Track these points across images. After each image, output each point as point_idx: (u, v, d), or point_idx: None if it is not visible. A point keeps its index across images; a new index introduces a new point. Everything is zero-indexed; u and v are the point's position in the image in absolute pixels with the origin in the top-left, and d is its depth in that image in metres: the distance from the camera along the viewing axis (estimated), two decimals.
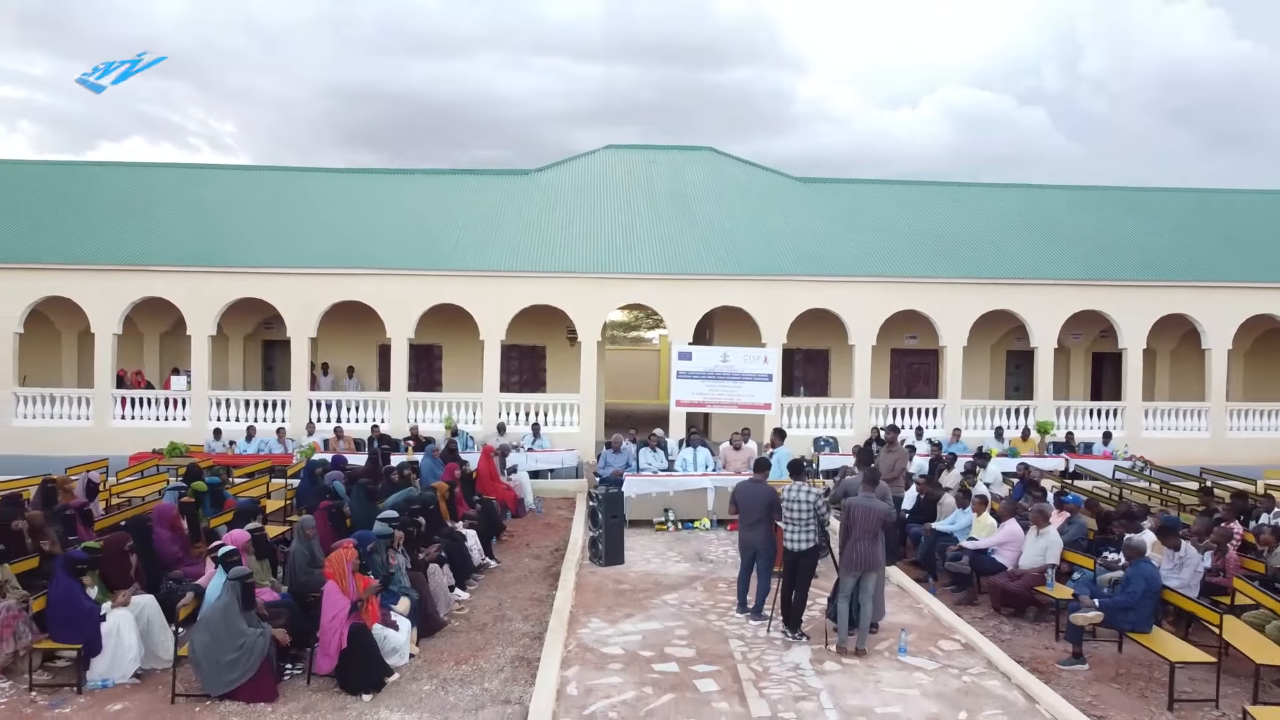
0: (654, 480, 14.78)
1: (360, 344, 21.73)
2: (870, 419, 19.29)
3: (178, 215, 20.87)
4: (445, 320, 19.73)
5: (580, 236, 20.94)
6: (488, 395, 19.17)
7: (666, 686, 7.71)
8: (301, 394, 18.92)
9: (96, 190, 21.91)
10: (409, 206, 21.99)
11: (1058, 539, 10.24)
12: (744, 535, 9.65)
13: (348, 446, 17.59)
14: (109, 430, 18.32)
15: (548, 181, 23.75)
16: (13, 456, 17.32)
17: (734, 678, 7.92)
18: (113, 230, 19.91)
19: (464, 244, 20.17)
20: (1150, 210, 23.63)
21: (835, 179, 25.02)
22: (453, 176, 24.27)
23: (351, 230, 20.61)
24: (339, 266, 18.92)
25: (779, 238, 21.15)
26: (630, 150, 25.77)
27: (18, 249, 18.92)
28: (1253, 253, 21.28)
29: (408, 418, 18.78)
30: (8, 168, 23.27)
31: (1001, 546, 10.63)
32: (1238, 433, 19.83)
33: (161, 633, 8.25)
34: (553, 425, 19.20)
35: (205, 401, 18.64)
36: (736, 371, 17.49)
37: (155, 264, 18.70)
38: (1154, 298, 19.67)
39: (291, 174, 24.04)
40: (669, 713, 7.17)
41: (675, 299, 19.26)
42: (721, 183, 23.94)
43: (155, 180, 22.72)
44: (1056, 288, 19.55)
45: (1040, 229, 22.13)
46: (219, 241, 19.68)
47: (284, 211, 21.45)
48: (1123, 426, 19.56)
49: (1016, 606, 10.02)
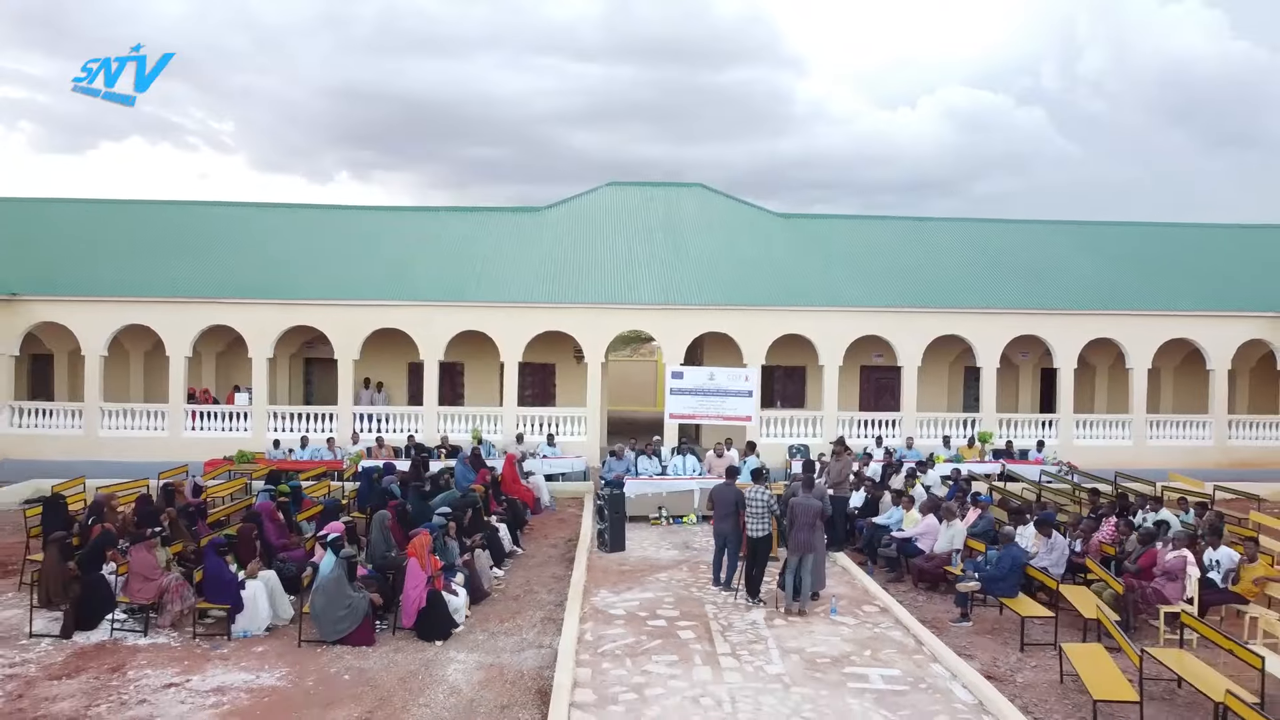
0: (650, 483, 17.50)
1: (391, 362, 24.38)
2: (838, 430, 21.98)
3: (237, 251, 23.58)
4: (467, 342, 22.42)
5: (586, 269, 23.67)
6: (507, 409, 21.89)
7: (657, 635, 10.43)
8: (347, 408, 21.63)
9: (165, 228, 24.62)
10: (437, 242, 24.69)
11: (963, 530, 12.96)
12: (717, 526, 12.40)
13: (388, 454, 20.28)
14: (182, 440, 21.02)
15: (556, 218, 26.49)
16: (101, 462, 20.01)
17: (706, 629, 10.64)
18: (183, 266, 22.62)
19: (486, 277, 22.87)
20: (1086, 243, 26.36)
21: (809, 214, 27.83)
22: (474, 214, 26.99)
23: (388, 265, 23.33)
24: (379, 299, 21.64)
25: (759, 270, 23.86)
26: (629, 187, 28.49)
27: (101, 284, 21.62)
28: (1174, 283, 24.01)
29: (438, 428, 21.50)
30: (86, 207, 25.93)
31: (921, 536, 13.34)
32: (1156, 440, 22.54)
33: (280, 598, 10.97)
34: (562, 435, 21.89)
35: (264, 415, 21.36)
36: (721, 389, 20.28)
37: (221, 297, 21.41)
38: (1083, 324, 22.39)
39: (334, 211, 26.73)
40: (659, 651, 9.89)
41: (669, 326, 21.97)
42: (710, 218, 26.67)
43: (215, 216, 25.48)
44: (998, 315, 22.27)
45: (986, 261, 24.84)
46: (274, 275, 22.40)
47: (329, 247, 24.15)
48: (1057, 436, 22.28)
49: (931, 582, 12.73)
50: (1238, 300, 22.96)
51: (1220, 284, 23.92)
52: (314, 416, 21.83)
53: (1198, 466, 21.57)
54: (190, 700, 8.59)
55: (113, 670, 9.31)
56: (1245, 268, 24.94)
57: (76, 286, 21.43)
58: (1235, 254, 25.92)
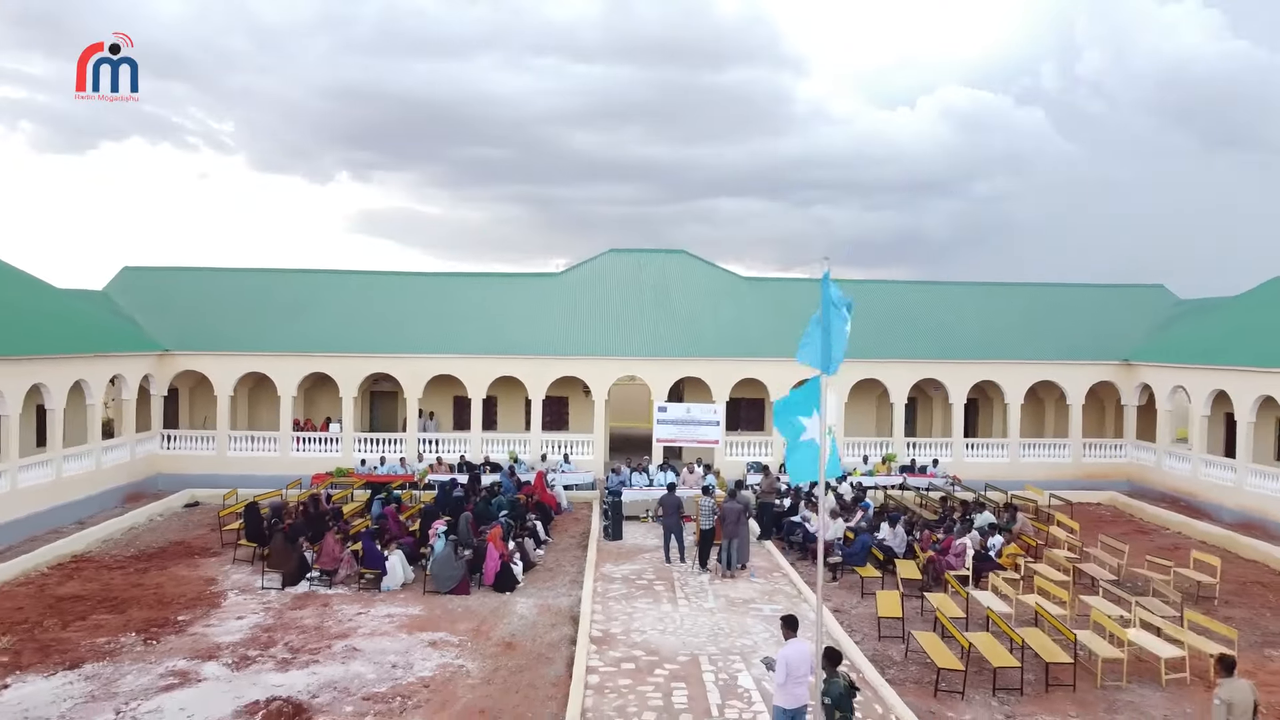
0: (640, 492, 23.63)
1: (440, 396, 30.44)
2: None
3: (326, 311, 29.69)
4: (500, 380, 28.50)
5: (591, 325, 29.83)
6: (533, 434, 28.05)
7: (641, 588, 16.62)
8: (412, 434, 27.79)
9: (272, 291, 30.69)
10: (480, 302, 30.70)
11: (843, 524, 19.14)
12: (664, 522, 18.63)
13: (445, 470, 26.41)
14: (290, 459, 27.15)
15: (569, 281, 32.69)
16: (230, 476, 26.09)
17: (671, 585, 16.84)
18: (288, 324, 28.75)
19: (516, 333, 28.98)
20: (976, 301, 32.46)
21: (769, 278, 34.12)
22: (507, 279, 33.13)
23: (441, 322, 29.48)
24: (437, 352, 27.75)
25: (727, 326, 30.01)
26: (626, 254, 34.65)
27: (228, 340, 27.76)
28: (1043, 336, 30.13)
29: (482, 450, 27.65)
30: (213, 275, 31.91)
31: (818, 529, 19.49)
32: (1028, 458, 28.68)
33: (406, 567, 17.12)
34: (574, 454, 28.02)
35: (351, 439, 27.52)
36: (696, 419, 26.59)
37: (318, 351, 27.56)
38: (972, 369, 28.55)
39: (397, 277, 32.75)
40: (642, 597, 16.07)
41: (656, 372, 28.11)
42: (690, 281, 32.84)
43: (308, 281, 31.62)
44: (905, 364, 28.44)
45: (900, 318, 30.87)
46: (356, 332, 28.51)
47: (394, 307, 30.21)
48: (950, 455, 28.44)
49: (828, 564, 18.86)
50: (1089, 351, 29.13)
51: (1078, 337, 30.03)
52: (386, 441, 27.97)
53: (1059, 478, 27.72)
54: (374, 619, 14.77)
55: (322, 605, 15.50)
56: (1097, 321, 30.96)
57: (210, 343, 27.56)
58: (1088, 310, 31.90)
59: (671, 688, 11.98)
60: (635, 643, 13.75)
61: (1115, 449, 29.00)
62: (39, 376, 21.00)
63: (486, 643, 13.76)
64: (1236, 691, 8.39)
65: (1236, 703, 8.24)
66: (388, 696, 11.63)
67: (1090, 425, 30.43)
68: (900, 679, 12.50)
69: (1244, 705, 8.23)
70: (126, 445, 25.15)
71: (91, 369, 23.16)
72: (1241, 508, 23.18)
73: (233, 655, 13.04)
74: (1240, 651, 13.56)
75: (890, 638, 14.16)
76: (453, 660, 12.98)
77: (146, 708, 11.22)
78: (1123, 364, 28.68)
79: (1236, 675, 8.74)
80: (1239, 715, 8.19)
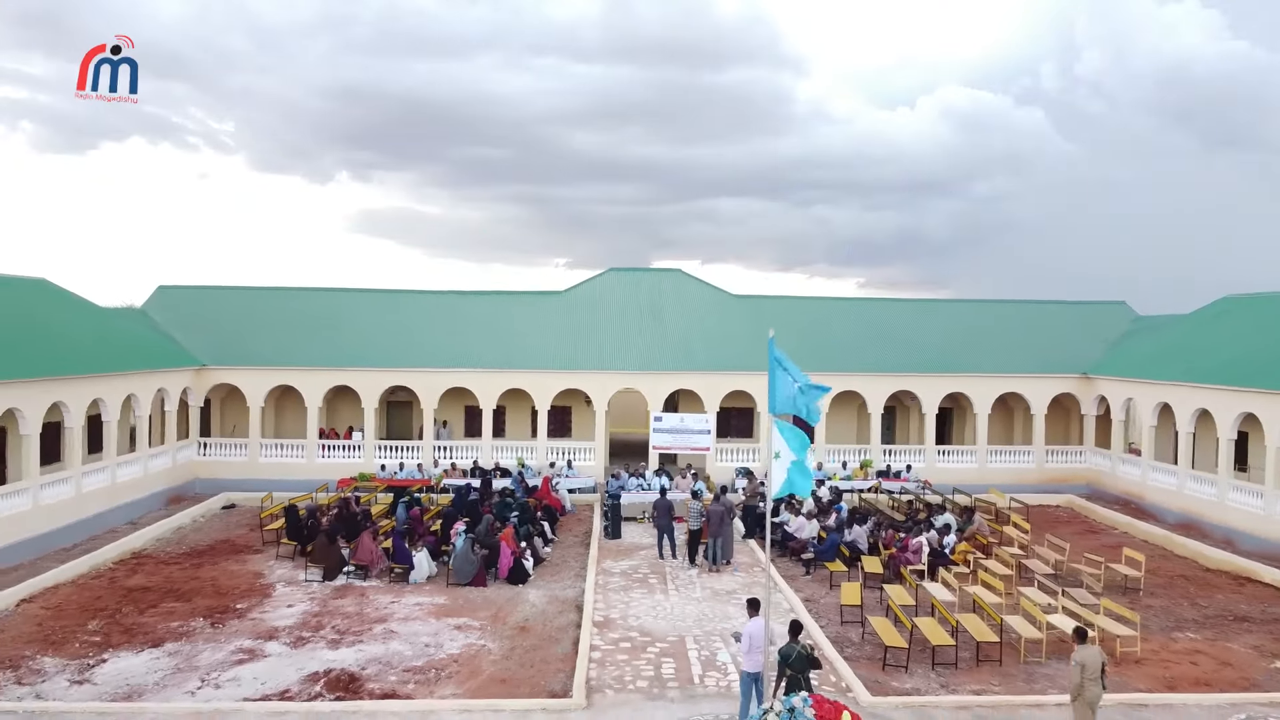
0: (637, 495, 25.80)
1: (453, 405, 32.57)
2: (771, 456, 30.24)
3: (348, 328, 31.87)
4: (508, 392, 30.65)
5: (592, 341, 32.00)
6: (539, 442, 30.22)
7: (636, 581, 18.80)
8: (429, 442, 29.96)
9: (301, 309, 32.90)
10: (490, 319, 32.93)
11: (816, 524, 21.32)
12: (658, 523, 20.83)
13: (459, 475, 28.56)
14: (316, 465, 29.31)
15: (572, 298, 34.88)
16: (260, 480, 28.22)
17: (662, 578, 19.03)
18: (314, 340, 30.93)
19: (524, 348, 31.15)
20: (946, 317, 34.69)
21: (759, 295, 36.31)
22: (515, 296, 35.34)
23: (453, 338, 31.63)
24: (451, 366, 29.92)
25: (718, 341, 32.18)
26: (625, 273, 36.84)
27: (260, 356, 29.94)
28: (1010, 350, 32.30)
29: (492, 456, 29.81)
30: (246, 293, 34.12)
31: (798, 530, 21.68)
32: (995, 464, 30.85)
33: (430, 562, 19.29)
34: (577, 460, 30.19)
35: (372, 447, 29.68)
36: (689, 428, 28.79)
37: (342, 365, 29.75)
38: (940, 382, 30.73)
39: (415, 295, 34.83)
40: (638, 589, 18.25)
41: (652, 384, 30.28)
42: (684, 299, 35.03)
43: (331, 299, 33.85)
44: (881, 377, 30.63)
45: (875, 334, 33.05)
46: (377, 348, 30.68)
47: (412, 324, 32.39)
48: (923, 461, 30.61)
49: (796, 554, 21.03)
50: (1052, 365, 31.32)
51: (1042, 351, 32.21)
52: (404, 448, 30.14)
53: (1023, 482, 29.94)
54: (406, 607, 16.94)
55: (360, 595, 17.68)
56: (1060, 337, 33.14)
57: (243, 358, 29.73)
58: (1053, 325, 34.10)
59: (661, 662, 14.16)
60: (631, 626, 15.93)
61: (1076, 455, 31.20)
62: (98, 392, 23.17)
63: (504, 626, 15.93)
64: (1088, 655, 10.65)
65: (1088, 664, 10.49)
66: (424, 669, 13.81)
67: (1057, 433, 32.63)
68: (855, 656, 14.68)
69: (1094, 666, 10.47)
70: (169, 452, 27.33)
71: (141, 384, 25.33)
72: (1183, 510, 25.37)
73: (290, 636, 15.22)
74: (1151, 634, 15.82)
75: (851, 622, 16.33)
76: (476, 640, 15.16)
77: (225, 677, 13.40)
78: (1082, 377, 30.88)
79: (1089, 643, 11.04)
80: (1090, 674, 10.42)
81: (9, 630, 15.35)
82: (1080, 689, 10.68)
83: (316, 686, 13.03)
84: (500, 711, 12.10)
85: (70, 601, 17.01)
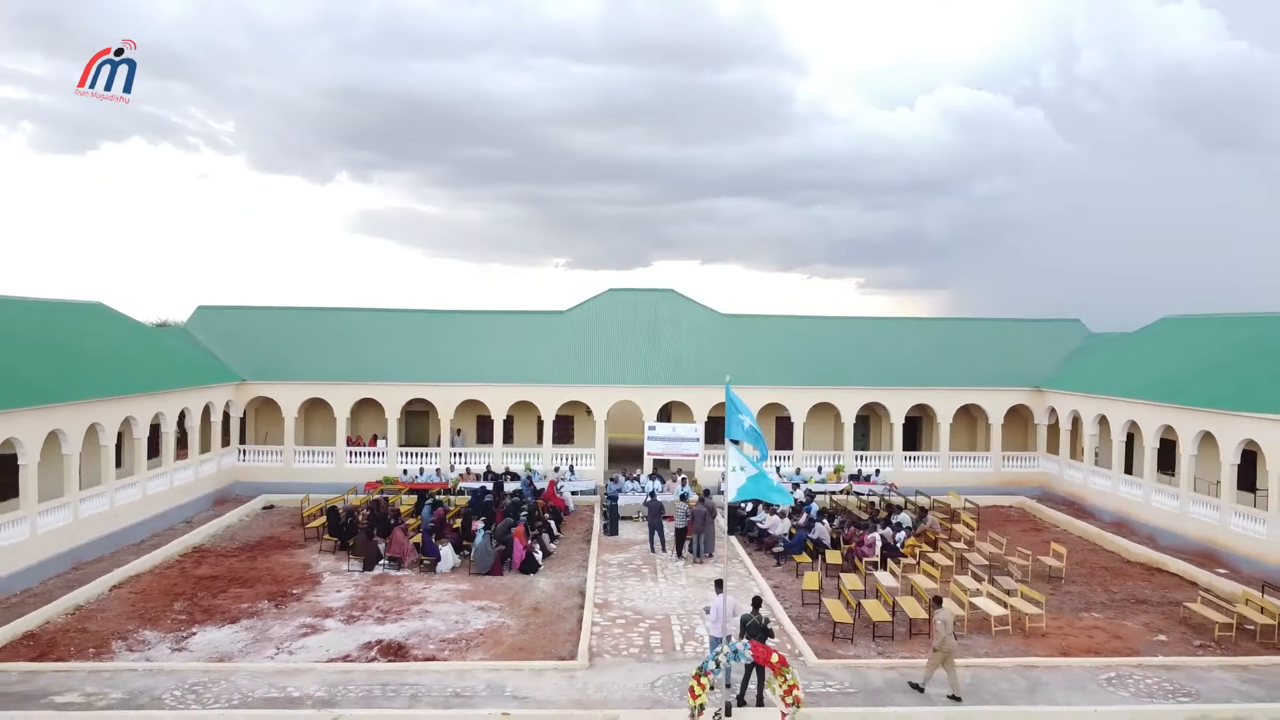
0: (633, 497, 28.72)
1: (466, 415, 35.47)
2: None
3: (372, 344, 34.81)
4: (517, 403, 33.56)
5: (592, 357, 34.91)
6: (545, 448, 33.15)
7: (631, 571, 21.73)
8: (445, 448, 32.88)
9: (332, 327, 35.84)
10: (499, 336, 35.79)
11: (788, 523, 24.24)
12: (649, 521, 23.77)
13: (473, 478, 31.46)
14: (344, 470, 32.21)
15: (573, 318, 37.81)
16: (294, 483, 31.13)
17: (653, 569, 21.97)
18: (342, 356, 33.86)
19: (531, 364, 34.05)
20: (914, 334, 37.63)
21: (746, 314, 39.26)
22: (522, 316, 38.30)
23: (467, 354, 34.52)
24: (465, 380, 32.84)
25: (706, 357, 35.07)
26: (623, 293, 39.78)
27: (293, 371, 32.86)
28: (971, 364, 35.21)
29: (502, 462, 32.73)
30: (283, 312, 37.03)
31: (771, 528, 24.59)
32: (956, 468, 33.77)
33: (453, 555, 22.21)
34: (579, 466, 33.08)
35: (395, 453, 32.60)
36: (680, 437, 31.58)
37: (368, 379, 32.67)
38: (907, 395, 33.63)
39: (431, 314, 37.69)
40: (633, 577, 21.18)
41: (647, 397, 33.20)
42: (676, 318, 37.97)
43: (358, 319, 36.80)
44: (853, 390, 33.54)
45: (848, 350, 35.96)
46: (398, 363, 33.61)
47: (430, 341, 35.33)
48: (892, 466, 33.53)
49: (769, 549, 23.94)
50: (1008, 378, 34.26)
51: (1000, 366, 35.15)
52: (422, 454, 33.05)
53: (982, 485, 32.87)
54: (436, 593, 19.85)
55: (395, 583, 20.59)
56: (1017, 352, 36.08)
57: (278, 373, 32.67)
58: (1011, 342, 37.05)
59: (650, 634, 17.08)
60: (626, 607, 18.85)
61: (1030, 461, 34.15)
62: (159, 407, 26.08)
63: (519, 608, 18.85)
64: (945, 614, 14.25)
65: (945, 620, 14.05)
66: (456, 640, 16.72)
67: (1016, 440, 35.55)
68: (810, 630, 17.58)
69: (949, 621, 14.12)
70: (215, 459, 30.24)
71: (194, 399, 28.25)
72: (1116, 510, 28.31)
73: (343, 615, 18.14)
74: (1061, 614, 18.76)
75: (810, 604, 19.23)
76: (497, 618, 18.08)
77: (296, 645, 16.32)
78: (1035, 390, 33.83)
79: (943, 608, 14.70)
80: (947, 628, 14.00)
81: (109, 610, 18.28)
82: (943, 641, 13.97)
83: (371, 653, 15.95)
84: (521, 670, 15.02)
85: (153, 587, 19.93)
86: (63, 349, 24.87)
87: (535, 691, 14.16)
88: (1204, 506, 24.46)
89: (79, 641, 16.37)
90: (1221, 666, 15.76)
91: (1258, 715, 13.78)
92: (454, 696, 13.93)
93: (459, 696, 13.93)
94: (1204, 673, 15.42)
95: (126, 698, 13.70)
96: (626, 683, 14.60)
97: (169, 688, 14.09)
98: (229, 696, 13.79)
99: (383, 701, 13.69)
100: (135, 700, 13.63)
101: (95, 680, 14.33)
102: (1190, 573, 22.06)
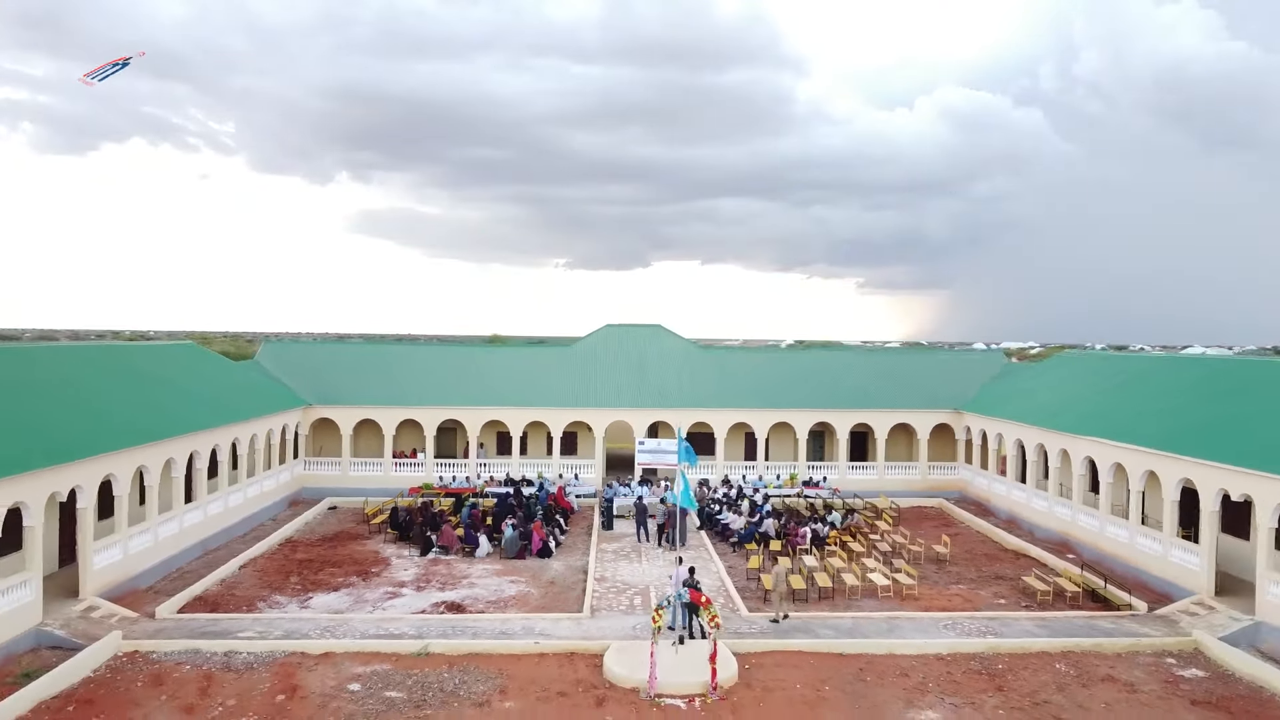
0: (626, 499, 35.17)
1: (489, 432, 41.90)
2: (725, 471, 39.63)
3: (413, 373, 41.28)
4: (531, 422, 39.98)
5: (592, 384, 41.39)
6: (554, 459, 39.62)
7: (622, 555, 28.21)
8: (473, 459, 39.34)
9: (379, 359, 42.36)
10: (518, 367, 42.32)
11: (744, 519, 30.68)
12: (637, 518, 30.28)
13: (496, 484, 37.89)
14: (390, 477, 38.65)
15: (578, 349, 44.30)
16: (351, 489, 37.57)
17: (639, 554, 28.44)
18: (388, 384, 40.34)
19: (542, 390, 40.52)
20: (858, 363, 44.12)
21: (719, 346, 45.73)
22: (535, 348, 44.81)
23: (488, 381, 41.01)
24: (489, 404, 39.27)
25: (685, 385, 41.54)
26: (618, 328, 46.28)
27: (349, 395, 39.33)
28: (904, 389, 41.70)
29: (519, 471, 39.19)
30: (340, 345, 43.49)
31: (731, 523, 31.03)
32: (890, 475, 40.22)
33: (488, 545, 28.65)
34: (582, 473, 39.52)
35: (432, 464, 39.07)
36: (664, 449, 38.15)
37: (410, 404, 39.13)
38: (850, 415, 40.13)
39: (459, 346, 44.35)
40: (624, 561, 27.67)
41: (638, 418, 39.65)
42: (662, 351, 44.45)
43: (401, 352, 43.25)
44: (805, 412, 40.00)
45: (800, 376, 42.45)
46: (434, 389, 40.08)
47: (457, 371, 41.82)
48: (837, 473, 39.98)
49: (728, 539, 30.38)
50: (935, 401, 40.75)
51: (929, 389, 41.64)
52: (453, 464, 39.49)
53: (912, 489, 39.36)
54: (478, 571, 26.30)
55: (446, 565, 27.05)
56: (944, 378, 42.60)
57: (337, 398, 39.14)
58: (940, 369, 43.63)
59: (634, 598, 23.55)
60: (617, 580, 25.30)
61: (951, 470, 40.66)
62: (252, 430, 32.55)
63: (539, 582, 25.30)
64: (779, 568, 21.49)
65: (779, 574, 21.05)
66: (497, 601, 23.17)
67: (945, 451, 42.02)
68: (749, 596, 23.98)
69: (782, 575, 21.02)
70: (287, 469, 36.70)
71: (273, 423, 34.71)
72: (1009, 510, 34.81)
73: (413, 586, 24.60)
74: (935, 586, 25.22)
75: (752, 579, 25.70)
76: (524, 589, 24.53)
77: (386, 604, 22.78)
78: (955, 411, 40.35)
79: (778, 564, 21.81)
80: (782, 580, 20.96)
81: (245, 582, 24.74)
82: (776, 586, 21.27)
83: (440, 609, 22.41)
84: (544, 618, 21.48)
85: (268, 567, 26.39)
86: (172, 385, 31.26)
87: (554, 631, 20.64)
88: (1062, 506, 30.99)
89: (233, 601, 22.83)
90: (1030, 619, 22.20)
91: (1034, 646, 20.27)
92: (500, 634, 20.41)
93: (504, 634, 20.41)
94: (1014, 622, 21.90)
95: (286, 634, 20.17)
96: (616, 626, 21.09)
97: (311, 629, 20.55)
98: (352, 634, 20.27)
99: (454, 635, 20.18)
100: (294, 635, 20.10)
101: (259, 624, 20.78)
102: (1045, 558, 28.53)
